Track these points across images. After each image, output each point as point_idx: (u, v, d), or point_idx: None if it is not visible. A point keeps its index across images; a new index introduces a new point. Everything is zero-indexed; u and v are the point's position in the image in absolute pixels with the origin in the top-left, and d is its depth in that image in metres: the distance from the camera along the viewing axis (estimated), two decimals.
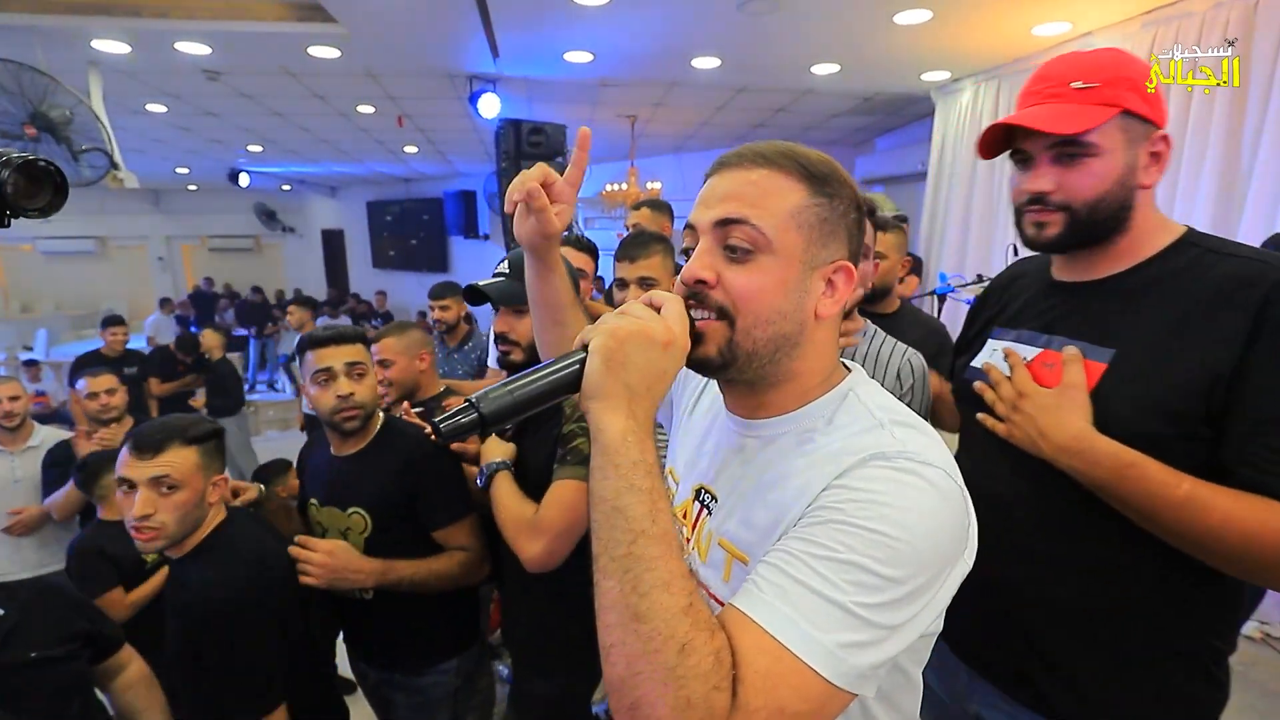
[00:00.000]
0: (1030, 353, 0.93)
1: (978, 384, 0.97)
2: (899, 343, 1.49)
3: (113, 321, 4.19)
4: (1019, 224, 0.93)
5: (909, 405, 1.36)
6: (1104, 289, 0.89)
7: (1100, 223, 0.85)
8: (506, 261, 1.34)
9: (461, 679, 1.48)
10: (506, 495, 1.24)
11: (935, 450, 0.57)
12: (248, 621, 1.19)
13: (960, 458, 1.04)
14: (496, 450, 1.31)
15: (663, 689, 0.45)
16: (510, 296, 1.29)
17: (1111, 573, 0.85)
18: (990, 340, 1.03)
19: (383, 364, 1.87)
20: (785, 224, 0.60)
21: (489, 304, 1.32)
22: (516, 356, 1.33)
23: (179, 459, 1.21)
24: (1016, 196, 0.91)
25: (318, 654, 1.38)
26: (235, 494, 1.47)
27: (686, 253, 0.65)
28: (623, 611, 0.47)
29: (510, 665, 1.52)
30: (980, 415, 0.95)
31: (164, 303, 8.82)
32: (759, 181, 0.61)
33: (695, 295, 0.62)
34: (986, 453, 0.95)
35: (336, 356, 1.36)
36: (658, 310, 0.58)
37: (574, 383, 0.56)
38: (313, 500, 1.48)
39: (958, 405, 1.09)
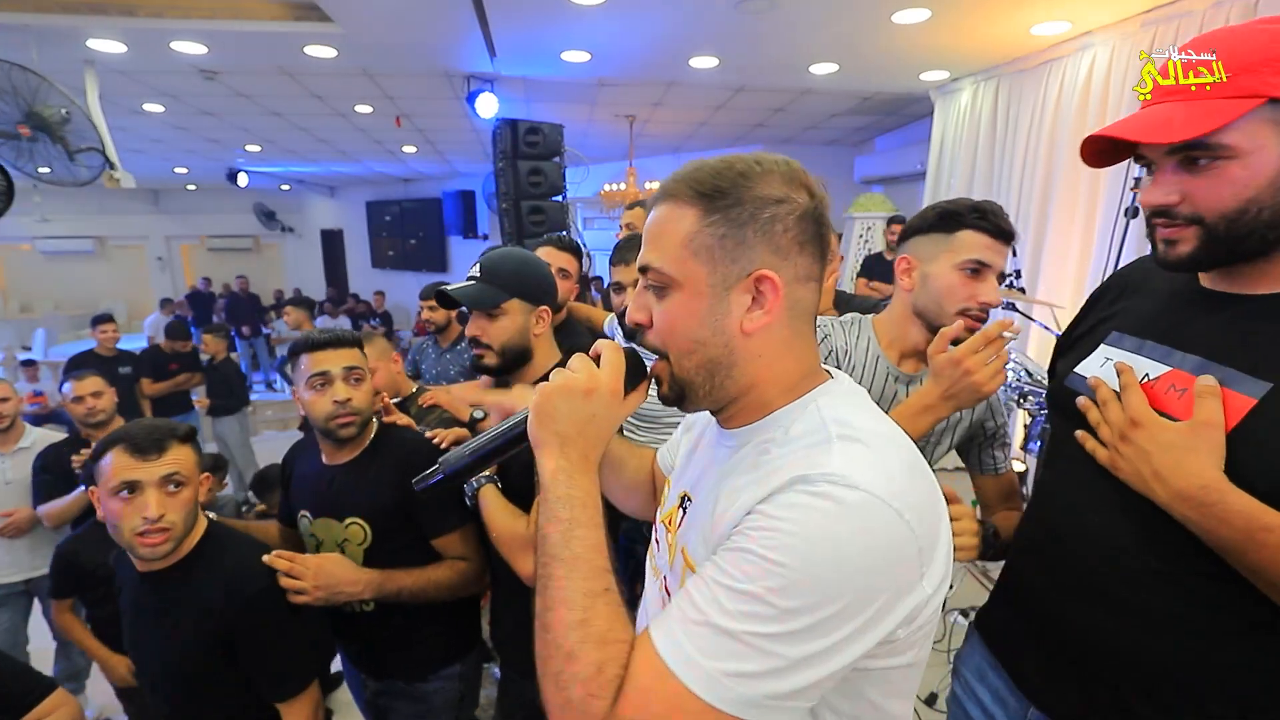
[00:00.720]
0: (1155, 370, 0.77)
1: (1081, 400, 0.82)
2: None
3: (103, 319, 4.14)
4: (1150, 239, 0.78)
5: (998, 439, 1.27)
6: (1267, 306, 0.72)
7: (1246, 237, 0.68)
8: (478, 265, 1.31)
9: (465, 684, 1.45)
10: (497, 511, 1.21)
11: (872, 471, 0.53)
12: (283, 603, 1.21)
13: (1045, 475, 0.93)
14: None
15: (553, 689, 0.53)
16: (480, 300, 1.25)
17: (1221, 639, 0.72)
18: (1104, 345, 0.86)
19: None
20: (680, 256, 0.61)
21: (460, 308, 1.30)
22: (490, 360, 1.29)
23: (183, 456, 1.19)
24: (1143, 207, 0.77)
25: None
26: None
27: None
28: (537, 621, 0.57)
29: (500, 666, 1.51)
30: (1080, 433, 0.81)
31: (164, 303, 8.81)
32: (658, 219, 0.63)
33: (639, 339, 0.66)
34: (1080, 477, 0.81)
35: (333, 360, 1.31)
36: (598, 359, 0.66)
37: (521, 436, 0.67)
38: (303, 513, 1.41)
39: (1051, 412, 0.94)
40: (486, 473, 1.25)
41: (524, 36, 3.51)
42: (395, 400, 1.91)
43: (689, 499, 0.71)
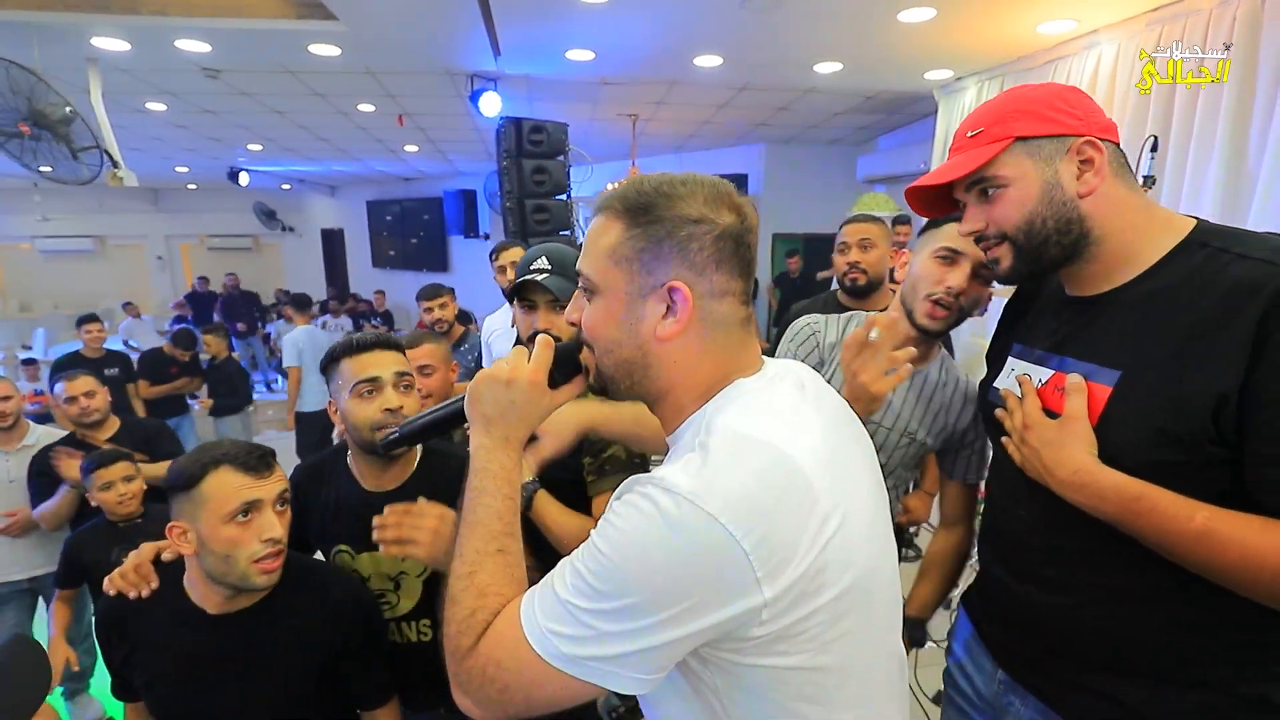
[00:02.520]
0: (1044, 375, 0.91)
1: (998, 411, 0.96)
2: (960, 376, 1.30)
3: (88, 319, 4.09)
4: None
5: (977, 449, 1.30)
6: (1108, 303, 0.86)
7: (1045, 241, 0.85)
8: (544, 257, 1.29)
9: None
10: (557, 514, 1.19)
11: (699, 480, 0.57)
12: (377, 611, 1.21)
13: (990, 474, 1.05)
14: (525, 469, 1.26)
15: (445, 626, 0.65)
16: (566, 293, 1.22)
17: (1140, 602, 0.82)
18: (1010, 358, 1.00)
19: (423, 370, 1.67)
20: (603, 264, 0.67)
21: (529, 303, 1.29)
22: None
23: (282, 474, 1.10)
24: (963, 236, 0.96)
25: None
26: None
27: None
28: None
29: None
30: (1004, 439, 0.94)
31: (128, 305, 8.53)
32: (592, 229, 0.70)
33: (577, 334, 0.74)
34: (1010, 475, 0.94)
35: (383, 364, 1.17)
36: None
37: (462, 414, 0.77)
38: (342, 548, 1.27)
39: (985, 423, 1.07)
40: (530, 476, 1.21)
41: (529, 35, 3.50)
42: None
43: None
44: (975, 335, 4.48)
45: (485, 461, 0.71)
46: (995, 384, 1.01)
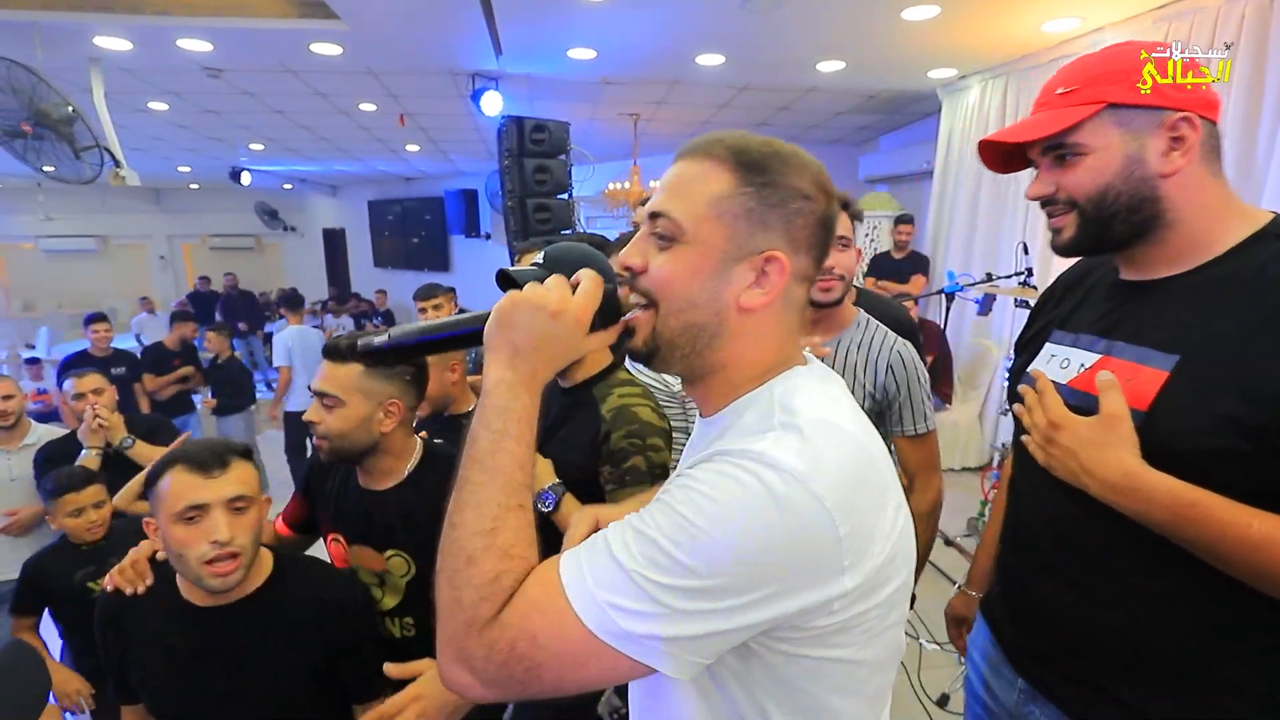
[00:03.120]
0: (1090, 359, 0.86)
1: (1016, 407, 0.91)
2: (890, 332, 1.48)
3: (96, 319, 4.10)
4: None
5: (902, 404, 1.44)
6: (1170, 288, 0.82)
7: (1114, 217, 0.80)
8: (544, 254, 1.31)
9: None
10: None
11: (800, 459, 0.53)
12: (370, 607, 1.21)
13: (1014, 467, 1.01)
14: (545, 473, 1.24)
15: (448, 586, 0.55)
16: None
17: (1166, 604, 0.78)
18: (1048, 344, 0.95)
19: None
20: (703, 213, 0.60)
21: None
22: None
23: (246, 474, 1.06)
24: (1030, 199, 0.90)
25: None
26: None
27: None
28: (446, 519, 0.57)
29: None
30: (1023, 438, 0.89)
31: (144, 300, 8.98)
32: (688, 171, 0.62)
33: (629, 283, 0.65)
34: (1033, 469, 0.89)
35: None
36: (575, 287, 0.64)
37: (475, 335, 0.65)
38: (336, 537, 1.31)
39: (1012, 412, 1.02)
40: (555, 479, 1.22)
41: (530, 34, 3.49)
42: (450, 416, 1.74)
43: None
44: (978, 337, 4.47)
45: (509, 400, 0.60)
46: (1030, 370, 0.95)
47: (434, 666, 1.15)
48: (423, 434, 1.47)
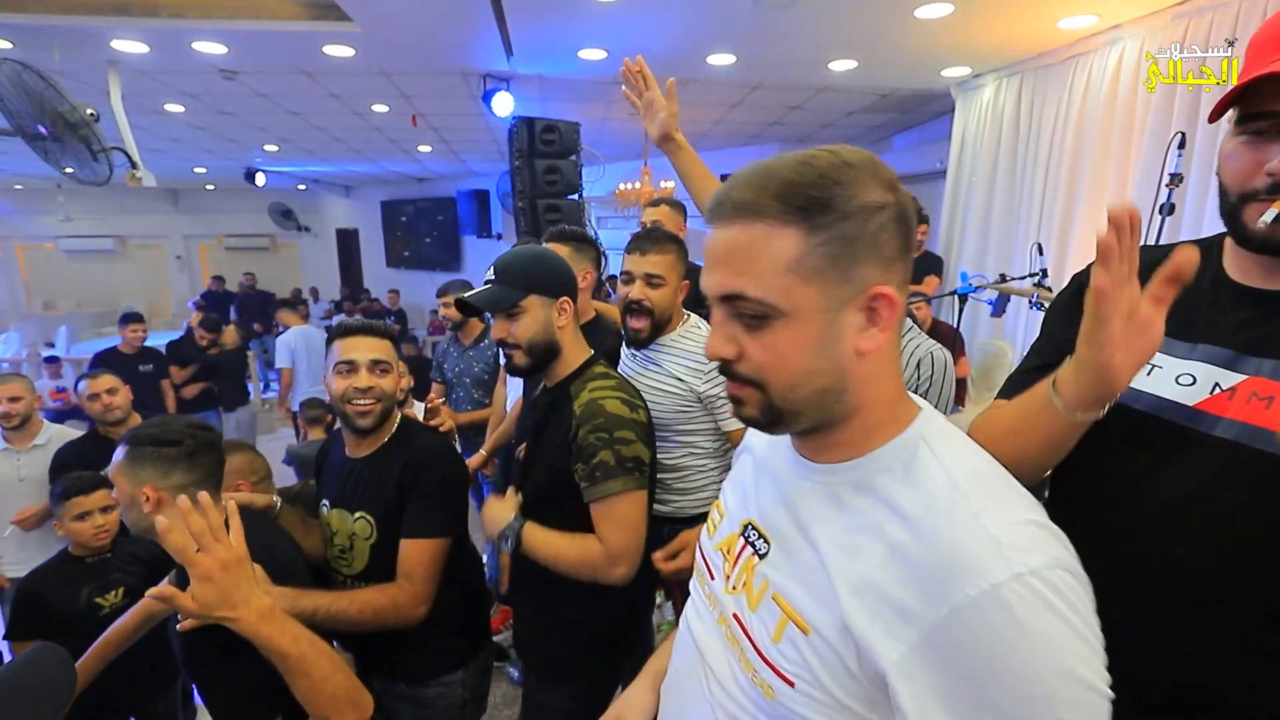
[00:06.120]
0: (1235, 379, 0.70)
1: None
2: (926, 337, 1.57)
3: (131, 319, 4.21)
4: (1238, 217, 0.70)
5: (925, 397, 1.45)
6: None
7: None
8: (492, 269, 1.31)
9: (469, 691, 1.43)
10: (556, 541, 1.22)
11: (1051, 539, 0.50)
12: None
13: (1096, 501, 0.80)
14: (505, 511, 1.26)
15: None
16: (497, 301, 1.26)
17: (1202, 629, 0.70)
18: (1167, 358, 0.76)
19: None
20: (785, 283, 0.54)
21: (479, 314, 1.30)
22: (520, 360, 1.29)
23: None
24: (1245, 178, 0.68)
25: None
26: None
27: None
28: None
29: (519, 667, 1.50)
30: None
31: (198, 301, 9.05)
32: (740, 240, 0.55)
33: (725, 370, 0.60)
34: (1155, 506, 0.73)
35: (361, 349, 1.34)
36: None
37: None
38: (324, 501, 1.44)
39: (1105, 433, 0.77)
40: (514, 515, 1.26)
41: (541, 34, 3.50)
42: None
43: (755, 529, 0.67)
44: (995, 339, 4.42)
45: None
46: (1148, 389, 0.76)
47: None
48: (431, 398, 1.68)
